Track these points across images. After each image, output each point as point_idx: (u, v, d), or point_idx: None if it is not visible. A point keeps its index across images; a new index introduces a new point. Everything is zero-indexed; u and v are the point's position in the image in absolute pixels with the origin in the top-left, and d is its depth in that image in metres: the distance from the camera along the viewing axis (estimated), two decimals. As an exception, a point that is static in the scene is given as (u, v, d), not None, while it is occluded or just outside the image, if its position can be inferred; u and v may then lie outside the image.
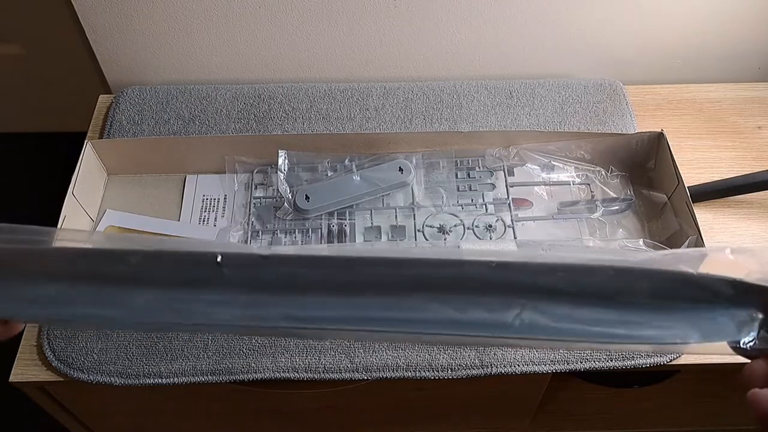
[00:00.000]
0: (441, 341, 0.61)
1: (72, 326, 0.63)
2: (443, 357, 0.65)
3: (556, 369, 0.65)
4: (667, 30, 0.85)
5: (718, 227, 0.74)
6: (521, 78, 0.88)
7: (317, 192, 0.74)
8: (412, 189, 0.76)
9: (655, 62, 0.89)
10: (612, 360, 0.65)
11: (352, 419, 0.82)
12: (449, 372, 0.65)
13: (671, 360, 0.66)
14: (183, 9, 0.81)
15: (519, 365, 0.65)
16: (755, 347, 0.38)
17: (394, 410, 0.80)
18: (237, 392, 0.69)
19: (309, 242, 0.73)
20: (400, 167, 0.75)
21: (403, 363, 0.65)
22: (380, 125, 0.82)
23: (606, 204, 0.75)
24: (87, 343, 0.65)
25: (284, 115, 0.83)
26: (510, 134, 0.78)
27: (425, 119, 0.83)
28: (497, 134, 0.77)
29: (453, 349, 0.66)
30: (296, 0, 0.80)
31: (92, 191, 0.76)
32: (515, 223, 0.74)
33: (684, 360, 0.66)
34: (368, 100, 0.84)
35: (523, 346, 0.64)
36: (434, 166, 0.78)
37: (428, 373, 0.65)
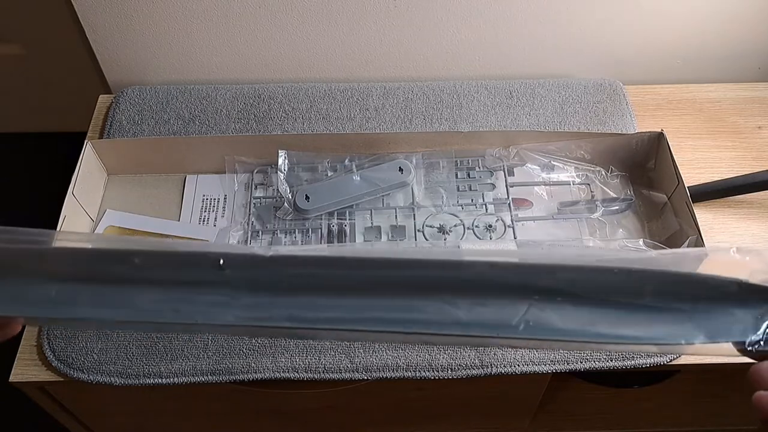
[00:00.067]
0: (445, 342, 0.61)
1: (72, 327, 0.63)
2: (443, 357, 0.65)
3: (556, 369, 0.65)
4: (667, 30, 0.85)
5: (718, 227, 0.74)
6: (521, 78, 0.88)
7: (317, 192, 0.74)
8: (412, 189, 0.76)
9: (655, 62, 0.89)
10: (612, 360, 0.65)
11: (352, 419, 0.82)
12: (449, 372, 0.65)
13: (671, 360, 0.65)
14: (183, 9, 0.81)
15: (519, 365, 0.65)
16: (760, 348, 0.38)
17: (394, 410, 0.80)
18: (237, 392, 0.69)
19: (309, 242, 0.73)
20: (400, 167, 0.75)
21: (403, 363, 0.65)
22: (380, 125, 0.82)
23: (606, 204, 0.75)
24: (87, 343, 0.65)
25: (284, 115, 0.83)
26: (510, 134, 0.78)
27: (425, 119, 0.83)
28: (497, 134, 0.77)
29: (453, 349, 0.66)
30: (296, 0, 0.80)
31: (92, 191, 0.76)
32: (515, 223, 0.74)
33: (684, 360, 0.66)
34: (368, 100, 0.84)
35: (528, 347, 0.63)
36: (434, 166, 0.78)
37: (428, 373, 0.65)
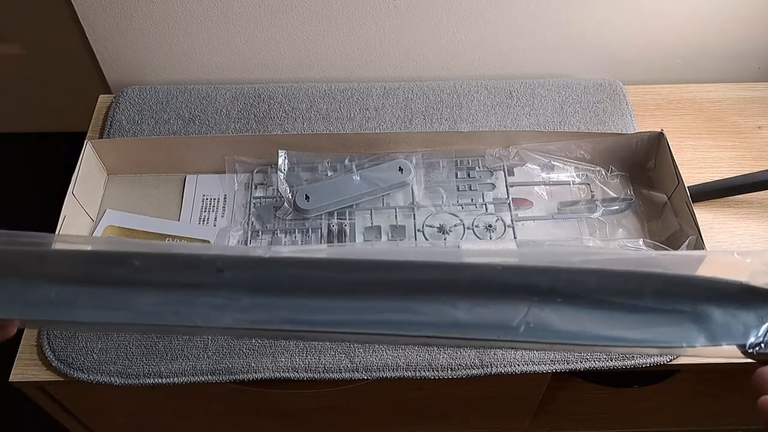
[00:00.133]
0: (445, 345, 0.61)
1: (72, 329, 0.63)
2: (443, 357, 0.65)
3: (556, 369, 0.65)
4: (667, 30, 0.85)
5: (718, 227, 0.74)
6: (521, 78, 0.88)
7: (317, 192, 0.74)
8: (412, 189, 0.76)
9: (655, 62, 0.89)
10: (612, 360, 0.65)
11: (352, 419, 0.82)
12: (449, 372, 0.65)
13: (671, 360, 0.65)
14: (183, 9, 0.81)
15: (519, 365, 0.65)
16: (762, 351, 0.38)
17: (394, 410, 0.80)
18: (237, 392, 0.69)
19: (309, 242, 0.73)
20: (400, 167, 0.75)
21: (403, 363, 0.65)
22: (380, 125, 0.82)
23: (606, 204, 0.75)
24: (87, 343, 0.65)
25: (284, 115, 0.83)
26: (510, 134, 0.78)
27: (425, 119, 0.83)
28: (497, 134, 0.77)
29: (453, 349, 0.65)
30: (296, 0, 0.80)
31: (92, 191, 0.76)
32: (515, 223, 0.74)
33: (684, 360, 0.66)
34: (368, 100, 0.84)
35: (529, 349, 0.63)
36: (434, 166, 0.78)
37: (428, 373, 0.65)
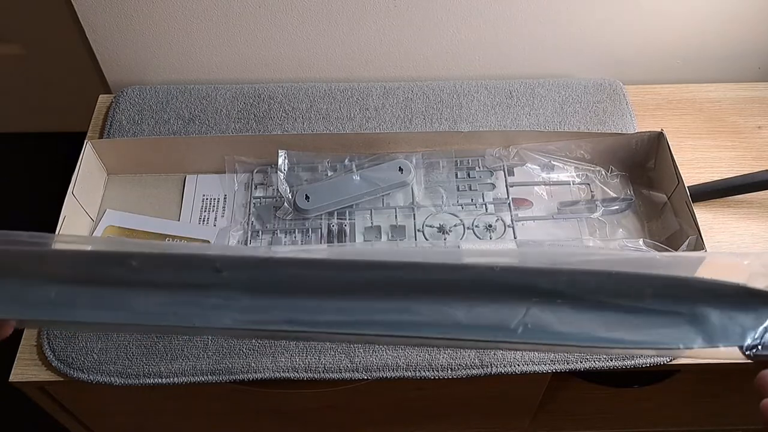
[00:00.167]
0: (444, 345, 0.61)
1: (72, 329, 0.63)
2: (443, 357, 0.65)
3: (556, 369, 0.65)
4: (667, 30, 0.85)
5: (718, 227, 0.74)
6: (521, 78, 0.88)
7: (317, 192, 0.74)
8: (412, 189, 0.76)
9: (655, 62, 0.89)
10: (612, 360, 0.65)
11: (352, 419, 0.82)
12: (449, 372, 0.65)
13: (671, 360, 0.66)
14: (183, 9, 0.81)
15: (519, 365, 0.65)
16: (759, 353, 0.38)
17: (394, 410, 0.80)
18: (237, 392, 0.69)
19: (309, 242, 0.73)
20: (400, 167, 0.75)
21: (403, 363, 0.65)
22: (380, 125, 0.82)
23: (606, 204, 0.75)
24: (87, 343, 0.65)
25: (284, 115, 0.83)
26: (510, 134, 0.78)
27: (425, 119, 0.83)
28: (497, 134, 0.77)
29: (453, 349, 0.65)
30: (296, 0, 0.80)
31: (92, 191, 0.76)
32: (515, 223, 0.74)
33: (684, 360, 0.66)
34: (368, 100, 0.84)
35: (527, 350, 0.63)
36: (434, 166, 0.78)
37: (428, 373, 0.65)
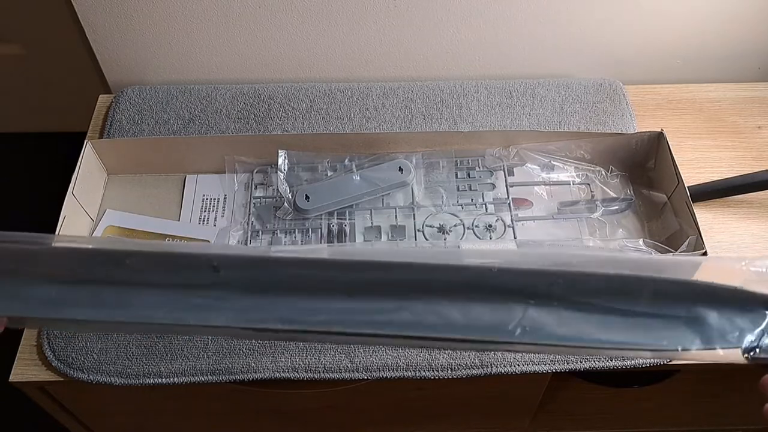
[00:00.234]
0: (440, 347, 0.61)
1: (69, 329, 0.63)
2: (443, 357, 0.65)
3: (556, 369, 0.65)
4: (667, 30, 0.85)
5: (718, 227, 0.74)
6: (521, 78, 0.88)
7: (317, 192, 0.74)
8: (412, 189, 0.76)
9: (655, 62, 0.89)
10: (612, 360, 0.65)
11: (352, 419, 0.82)
12: (449, 372, 0.65)
13: (671, 360, 0.66)
14: (183, 9, 0.81)
15: (519, 365, 0.65)
16: (756, 356, 0.38)
17: (394, 410, 0.80)
18: (237, 392, 0.69)
19: (309, 242, 0.73)
20: (400, 167, 0.75)
21: (403, 363, 0.65)
22: (380, 125, 0.82)
23: (606, 204, 0.75)
24: (87, 343, 0.65)
25: (284, 115, 0.83)
26: (510, 134, 0.78)
27: (425, 119, 0.83)
28: (497, 134, 0.77)
29: (452, 350, 0.66)
30: (296, 0, 0.80)
31: (92, 191, 0.76)
32: (515, 223, 0.74)
33: (683, 360, 0.66)
34: (368, 100, 0.84)
35: (523, 352, 0.63)
36: (434, 166, 0.78)
37: (428, 373, 0.65)
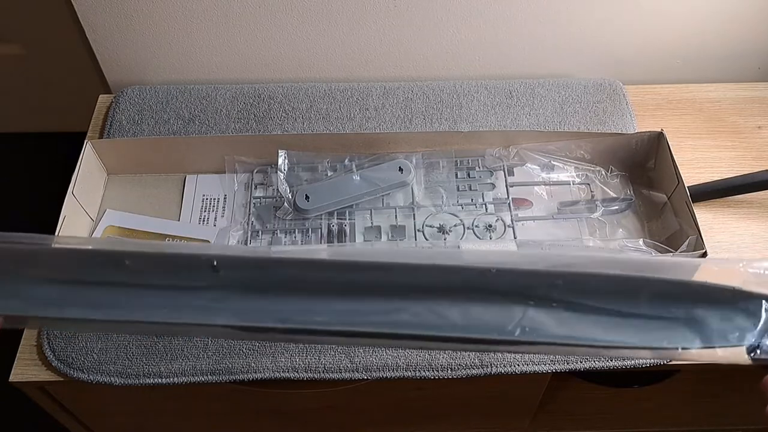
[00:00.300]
0: (440, 348, 0.61)
1: (70, 328, 0.63)
2: (443, 357, 0.65)
3: (556, 369, 0.65)
4: (667, 30, 0.85)
5: (718, 227, 0.74)
6: (521, 78, 0.88)
7: (317, 192, 0.74)
8: (412, 189, 0.76)
9: (655, 62, 0.89)
10: (612, 360, 0.65)
11: (352, 419, 0.82)
12: (449, 372, 0.65)
13: (671, 360, 0.65)
14: (183, 9, 0.81)
15: (519, 365, 0.65)
16: (756, 356, 0.38)
17: (394, 410, 0.80)
18: (237, 392, 0.69)
19: (309, 242, 0.73)
20: (400, 167, 0.75)
21: (403, 363, 0.65)
22: (380, 125, 0.82)
23: (606, 204, 0.75)
24: (87, 343, 0.65)
25: (284, 115, 0.83)
26: (510, 134, 0.78)
27: (425, 119, 0.83)
28: (497, 134, 0.77)
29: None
30: (296, 0, 0.80)
31: (92, 191, 0.76)
32: (515, 223, 0.74)
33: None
34: (368, 100, 0.84)
35: (524, 352, 0.63)
36: (434, 166, 0.78)
37: (428, 373, 0.65)
